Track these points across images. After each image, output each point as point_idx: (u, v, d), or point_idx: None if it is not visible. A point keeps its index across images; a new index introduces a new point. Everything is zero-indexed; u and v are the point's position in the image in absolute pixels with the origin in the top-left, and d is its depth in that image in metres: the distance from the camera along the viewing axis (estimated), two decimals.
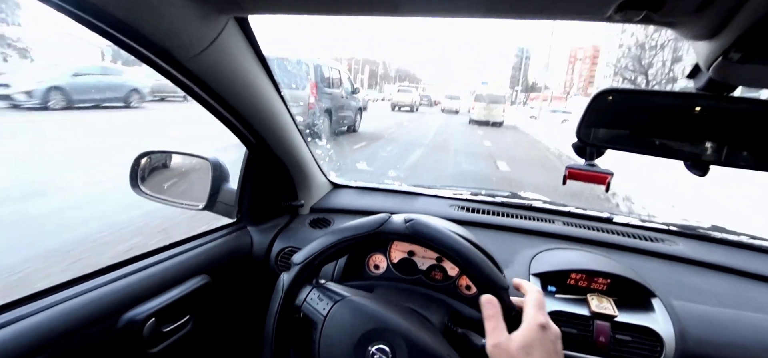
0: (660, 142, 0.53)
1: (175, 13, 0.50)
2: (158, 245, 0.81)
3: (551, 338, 0.51)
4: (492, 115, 16.98)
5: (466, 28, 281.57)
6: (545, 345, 0.50)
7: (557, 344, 0.52)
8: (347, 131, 9.14)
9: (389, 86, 45.60)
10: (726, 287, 0.86)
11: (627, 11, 0.40)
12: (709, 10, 0.38)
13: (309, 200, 1.12)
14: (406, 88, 26.47)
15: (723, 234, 1.06)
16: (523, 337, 0.51)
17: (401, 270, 0.91)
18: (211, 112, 0.74)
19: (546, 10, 0.44)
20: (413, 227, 0.60)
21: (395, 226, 0.61)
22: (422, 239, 0.60)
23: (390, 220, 0.61)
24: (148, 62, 0.56)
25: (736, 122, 0.49)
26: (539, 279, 0.83)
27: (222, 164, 0.98)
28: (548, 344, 0.51)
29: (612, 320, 0.75)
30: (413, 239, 0.60)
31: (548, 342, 0.51)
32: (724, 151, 0.50)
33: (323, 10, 0.54)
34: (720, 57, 0.40)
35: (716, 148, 0.50)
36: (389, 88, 40.28)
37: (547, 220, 1.08)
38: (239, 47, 0.66)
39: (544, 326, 0.52)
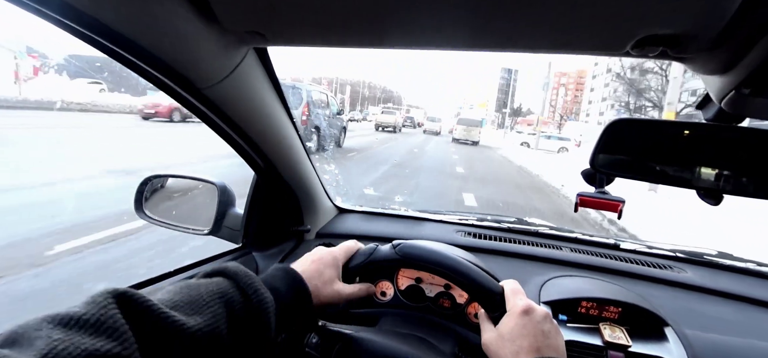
0: (672, 171, 0.54)
1: (199, 43, 0.51)
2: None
3: (537, 320, 0.51)
4: (470, 136, 22.77)
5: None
6: (531, 327, 0.50)
7: (545, 324, 0.51)
8: (335, 147, 10.54)
9: (374, 108, 46.66)
10: (735, 315, 0.86)
11: (644, 48, 0.41)
12: (724, 48, 0.39)
13: (315, 225, 1.11)
14: (389, 110, 28.06)
15: (730, 261, 1.05)
16: (506, 325, 0.51)
17: (409, 298, 0.90)
18: (223, 137, 0.74)
19: (564, 45, 0.45)
20: (402, 251, 0.62)
21: (385, 253, 0.63)
22: (411, 259, 0.62)
23: (378, 249, 0.63)
24: (166, 90, 0.56)
25: (747, 152, 0.50)
26: (550, 307, 0.82)
27: (228, 189, 0.97)
28: (534, 327, 0.50)
29: (626, 351, 0.73)
30: (403, 262, 0.62)
31: (534, 324, 0.50)
32: (736, 180, 0.50)
33: (341, 43, 0.55)
34: (732, 91, 0.41)
35: (728, 177, 0.51)
36: (374, 109, 41.35)
37: (555, 246, 1.07)
38: (257, 76, 0.67)
39: (527, 310, 0.52)
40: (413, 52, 0.62)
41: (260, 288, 0.44)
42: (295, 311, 0.49)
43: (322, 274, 0.55)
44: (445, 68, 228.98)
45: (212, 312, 0.38)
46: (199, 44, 0.51)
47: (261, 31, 0.51)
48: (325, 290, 0.54)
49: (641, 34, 0.40)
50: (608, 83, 67.40)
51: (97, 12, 0.43)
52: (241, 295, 0.42)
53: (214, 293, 0.40)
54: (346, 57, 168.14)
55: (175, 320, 0.34)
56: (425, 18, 0.43)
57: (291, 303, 0.48)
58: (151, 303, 0.34)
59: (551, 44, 0.45)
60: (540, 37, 0.45)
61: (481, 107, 70.47)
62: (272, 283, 0.48)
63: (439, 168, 9.32)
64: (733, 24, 0.36)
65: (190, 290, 0.39)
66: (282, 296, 0.47)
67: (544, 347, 0.48)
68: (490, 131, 53.19)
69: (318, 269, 0.55)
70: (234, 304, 0.41)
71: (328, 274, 0.56)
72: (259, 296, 0.43)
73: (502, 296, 0.57)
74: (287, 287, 0.49)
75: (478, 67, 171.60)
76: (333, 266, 0.58)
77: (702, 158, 0.52)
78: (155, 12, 0.45)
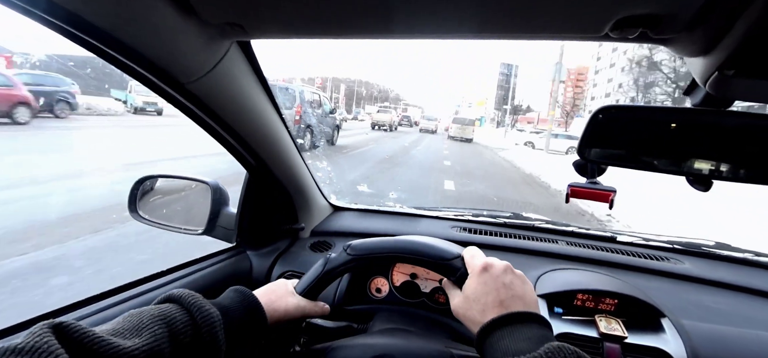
0: (661, 157, 0.53)
1: (179, 37, 0.51)
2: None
3: (497, 274, 0.51)
4: (464, 134, 24.70)
5: (451, 46, 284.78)
6: (492, 283, 0.50)
7: (505, 276, 0.51)
8: (326, 144, 11.11)
9: (371, 107, 46.79)
10: (733, 305, 0.85)
11: (623, 29, 0.41)
12: (703, 27, 0.38)
13: (309, 223, 1.11)
14: (385, 109, 28.27)
15: (727, 251, 1.05)
16: (469, 286, 0.52)
17: (404, 293, 0.89)
18: (211, 134, 0.74)
19: (542, 29, 0.45)
20: (353, 250, 0.63)
21: (340, 259, 0.63)
22: (363, 254, 0.63)
23: (331, 257, 0.64)
24: (148, 85, 0.56)
25: (736, 136, 0.49)
26: (545, 301, 0.81)
27: (222, 188, 0.97)
28: (495, 282, 0.50)
29: (622, 342, 0.73)
30: (357, 260, 0.62)
31: (494, 279, 0.51)
32: (725, 165, 0.50)
33: (323, 33, 0.55)
34: (715, 72, 0.40)
35: (717, 163, 0.50)
36: (370, 108, 41.51)
37: (551, 240, 1.07)
38: (241, 71, 0.67)
39: (486, 266, 0.52)
40: (410, 50, 0.62)
41: (205, 306, 0.46)
42: (248, 326, 0.52)
43: (274, 291, 0.59)
44: (444, 66, 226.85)
45: (152, 333, 0.40)
46: (179, 38, 0.51)
47: (240, 23, 0.51)
48: (279, 303, 0.58)
49: (620, 14, 0.39)
50: (612, 79, 65.03)
51: (76, 7, 0.43)
52: (187, 315, 0.45)
53: (155, 317, 0.42)
54: (342, 56, 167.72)
55: (111, 344, 0.36)
56: (399, 4, 0.43)
57: (242, 318, 0.51)
58: (87, 331, 0.36)
59: (529, 28, 0.45)
60: (517, 22, 0.44)
61: (479, 105, 69.44)
62: (221, 302, 0.51)
63: (423, 186, 7.16)
64: (713, 2, 0.35)
65: (132, 317, 0.42)
66: (231, 311, 0.50)
67: (507, 298, 0.48)
68: (490, 130, 50.72)
69: (270, 289, 0.60)
70: (177, 323, 0.43)
71: (280, 290, 0.60)
72: (203, 313, 0.45)
73: (462, 261, 0.57)
74: (236, 304, 0.52)
75: (477, 65, 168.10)
76: (282, 285, 0.62)
77: (690, 144, 0.51)
78: (133, 6, 0.45)
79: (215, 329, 0.45)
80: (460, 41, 0.74)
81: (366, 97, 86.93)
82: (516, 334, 0.44)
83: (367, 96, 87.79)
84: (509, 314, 0.46)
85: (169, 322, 0.43)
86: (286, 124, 0.89)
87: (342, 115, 21.14)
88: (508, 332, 0.44)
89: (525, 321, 0.45)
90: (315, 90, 11.47)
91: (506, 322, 0.45)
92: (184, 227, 0.98)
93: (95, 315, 0.63)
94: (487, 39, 0.49)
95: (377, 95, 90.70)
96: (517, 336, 0.43)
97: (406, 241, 0.63)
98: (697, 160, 0.51)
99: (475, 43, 31.48)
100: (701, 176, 0.51)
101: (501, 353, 0.43)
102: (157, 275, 0.79)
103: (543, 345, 0.40)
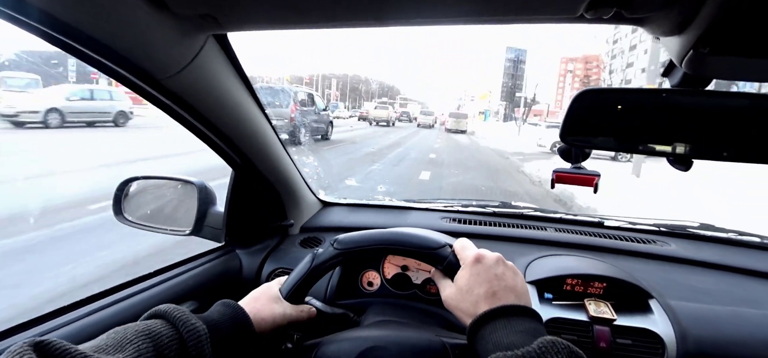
0: (641, 139, 0.53)
1: (151, 31, 0.50)
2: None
3: (488, 265, 0.51)
4: (459, 126, 26.36)
5: (452, 36, 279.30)
6: (484, 274, 0.50)
7: (497, 267, 0.51)
8: (321, 139, 12.29)
9: (368, 103, 46.28)
10: (719, 284, 0.86)
11: (597, 10, 0.41)
12: (676, 5, 0.38)
13: (299, 219, 1.10)
14: (383, 105, 28.15)
15: (712, 232, 1.06)
16: (461, 277, 0.52)
17: (395, 285, 0.89)
18: (193, 131, 0.73)
19: (516, 13, 0.45)
20: (340, 244, 0.62)
21: (327, 253, 0.63)
22: (351, 248, 0.62)
23: (318, 253, 0.64)
24: (124, 82, 0.55)
25: (714, 115, 0.50)
26: (535, 287, 0.82)
27: (208, 188, 0.96)
28: (487, 273, 0.50)
29: (611, 324, 0.74)
30: (344, 254, 0.62)
31: (486, 270, 0.51)
32: (705, 144, 0.50)
33: (304, 23, 0.54)
34: (690, 51, 0.41)
35: (697, 142, 0.50)
36: (368, 105, 41.17)
37: (539, 227, 1.08)
38: (219, 65, 0.65)
39: (478, 257, 0.52)
40: (410, 44, 0.61)
41: (190, 320, 0.47)
42: (235, 338, 0.52)
43: (258, 299, 0.59)
44: (445, 59, 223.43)
45: (135, 348, 0.40)
46: (152, 32, 0.50)
47: (213, 15, 0.50)
48: (265, 312, 0.57)
49: None
50: (632, 63, 57.69)
51: (45, 4, 0.41)
52: (173, 330, 0.45)
53: (140, 332, 0.42)
54: (337, 51, 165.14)
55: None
56: None
57: (229, 331, 0.51)
58: (70, 348, 0.36)
59: (505, 12, 0.45)
60: (493, 5, 0.44)
61: (482, 99, 67.43)
62: (209, 316, 0.52)
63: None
64: None
65: (117, 334, 0.42)
66: (217, 323, 0.51)
67: (500, 290, 0.48)
68: (495, 125, 42.50)
69: (254, 297, 0.60)
70: (162, 338, 0.43)
71: (265, 297, 0.60)
72: (189, 328, 0.46)
73: (451, 251, 0.57)
74: (222, 316, 0.52)
75: (479, 55, 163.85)
76: (267, 292, 0.61)
77: (670, 125, 0.52)
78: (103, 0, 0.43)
79: (201, 343, 0.46)
80: (461, 31, 0.71)
81: (365, 93, 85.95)
82: (509, 327, 0.44)
83: (365, 92, 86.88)
84: (502, 307, 0.46)
85: (154, 337, 0.43)
86: (270, 120, 0.88)
87: (335, 111, 21.06)
88: (501, 325, 0.44)
89: (517, 314, 0.46)
90: (308, 90, 12.96)
91: (498, 314, 0.45)
92: (171, 228, 0.97)
93: (84, 319, 0.63)
94: (463, 24, 0.48)
95: (375, 91, 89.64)
96: (510, 329, 0.43)
97: (393, 233, 0.62)
98: (677, 140, 0.52)
99: (477, 31, 30.35)
100: (681, 156, 0.51)
101: (493, 345, 0.43)
102: (147, 276, 0.78)
103: (536, 339, 0.40)
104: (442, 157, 10.97)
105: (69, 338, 0.58)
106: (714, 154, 0.49)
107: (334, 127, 13.56)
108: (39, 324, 0.59)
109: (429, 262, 0.59)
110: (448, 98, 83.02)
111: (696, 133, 0.50)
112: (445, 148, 13.97)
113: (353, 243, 0.62)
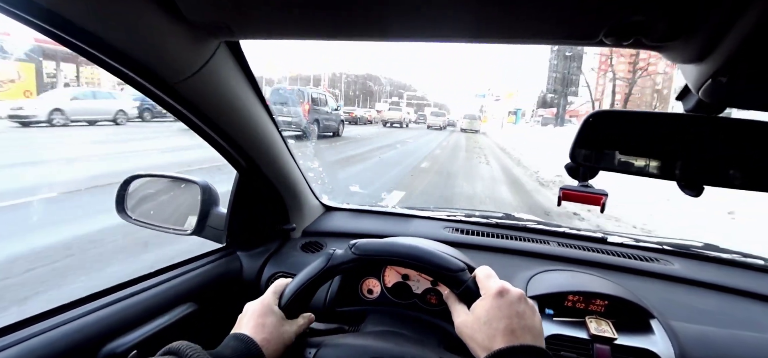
0: (653, 163, 0.53)
1: (165, 37, 0.50)
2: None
3: (511, 301, 0.50)
4: (473, 126, 28.16)
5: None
6: (505, 309, 0.49)
7: (519, 305, 0.50)
8: (333, 136, 14.19)
9: (380, 104, 45.56)
10: (722, 306, 0.86)
11: (616, 36, 0.41)
12: (698, 34, 0.38)
13: (301, 223, 1.10)
14: (396, 106, 27.82)
15: (716, 253, 1.06)
16: (480, 307, 0.51)
17: (396, 295, 0.89)
18: (200, 134, 0.73)
19: (536, 35, 0.44)
20: (359, 249, 0.61)
21: (344, 256, 0.61)
22: (368, 255, 0.61)
23: (335, 253, 0.62)
24: (136, 85, 0.55)
25: (728, 142, 0.49)
26: (536, 302, 0.82)
27: (211, 188, 0.96)
28: (509, 308, 0.49)
29: (612, 344, 0.73)
30: (361, 260, 0.61)
31: (508, 306, 0.50)
32: (717, 171, 0.50)
33: (313, 35, 0.54)
34: (709, 79, 0.40)
35: (708, 169, 0.50)
36: (380, 106, 40.56)
37: (542, 241, 1.07)
38: (230, 71, 0.65)
39: (501, 291, 0.51)
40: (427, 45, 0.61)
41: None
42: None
43: (264, 325, 0.58)
44: (466, 58, 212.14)
45: None
46: (165, 38, 0.50)
47: (226, 23, 0.50)
48: (275, 337, 0.57)
49: (613, 21, 0.39)
50: None
51: (60, 9, 0.42)
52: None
53: None
54: (349, 49, 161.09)
55: None
56: (394, 5, 0.42)
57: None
58: None
59: (524, 34, 0.45)
60: (512, 27, 0.44)
61: (509, 97, 63.63)
62: (219, 351, 0.52)
63: None
64: (707, 9, 0.35)
65: None
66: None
67: (519, 329, 0.47)
68: (529, 131, 29.10)
69: (259, 323, 0.58)
70: None
71: (270, 321, 0.58)
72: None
73: (470, 277, 0.56)
74: (234, 351, 0.52)
75: (503, 51, 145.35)
76: (270, 313, 0.60)
77: (682, 150, 0.51)
78: (117, 5, 0.43)
79: None
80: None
81: (377, 93, 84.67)
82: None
83: (378, 92, 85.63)
84: (520, 347, 0.45)
85: None
86: (277, 124, 0.88)
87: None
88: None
89: (533, 356, 0.45)
90: (321, 90, 14.80)
91: (516, 353, 0.45)
92: (173, 227, 0.97)
93: (85, 317, 0.63)
94: (482, 43, 0.48)
95: (390, 91, 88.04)
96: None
97: (414, 248, 0.61)
98: (689, 166, 0.51)
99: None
100: (692, 182, 0.51)
101: None
102: (148, 276, 0.78)
103: None
104: (439, 166, 9.39)
105: (70, 338, 0.59)
106: (726, 181, 0.49)
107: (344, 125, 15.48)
108: (41, 320, 0.59)
109: (445, 283, 0.58)
110: (465, 97, 78.81)
111: (709, 159, 0.50)
112: (447, 156, 11.88)
113: (372, 251, 0.61)
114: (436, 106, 46.44)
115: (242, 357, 0.52)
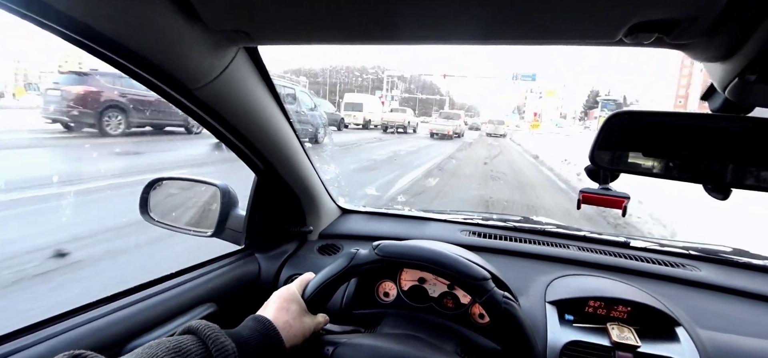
0: (677, 164, 0.51)
1: (185, 44, 0.51)
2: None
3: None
4: (497, 131, 27.03)
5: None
6: None
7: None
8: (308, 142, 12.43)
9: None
10: (751, 314, 0.82)
11: (638, 35, 0.40)
12: (722, 33, 0.37)
13: (318, 225, 1.11)
14: (398, 109, 25.90)
15: (746, 258, 1.01)
16: None
17: (412, 298, 0.89)
18: (220, 138, 0.75)
19: (554, 35, 0.44)
20: (382, 250, 0.61)
21: (367, 257, 0.62)
22: (392, 257, 0.61)
23: (358, 253, 0.63)
24: (157, 91, 0.57)
25: (756, 142, 0.47)
26: (556, 308, 0.80)
27: (231, 191, 0.98)
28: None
29: (635, 351, 0.71)
30: (384, 262, 0.61)
31: None
32: (745, 173, 0.48)
33: (329, 40, 0.55)
34: (736, 78, 0.39)
35: (736, 171, 0.48)
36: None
37: (562, 245, 1.05)
38: (248, 76, 0.67)
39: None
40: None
41: (220, 337, 0.48)
42: (266, 350, 0.53)
43: (288, 310, 0.60)
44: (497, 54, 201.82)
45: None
46: (186, 44, 0.51)
47: (245, 30, 0.51)
48: (296, 323, 0.58)
49: (634, 20, 0.38)
50: None
51: (83, 15, 0.44)
52: (202, 346, 0.47)
53: (170, 349, 0.45)
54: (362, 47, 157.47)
55: None
56: (409, 10, 0.42)
57: (259, 344, 0.53)
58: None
59: (541, 35, 0.44)
60: (529, 28, 0.43)
61: (549, 95, 61.82)
62: (239, 332, 0.53)
63: None
64: (733, 5, 0.34)
65: (149, 349, 0.44)
66: (246, 340, 0.52)
67: None
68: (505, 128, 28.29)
69: (283, 307, 0.60)
70: (191, 355, 0.45)
71: (294, 308, 0.60)
72: (218, 346, 0.48)
73: (490, 283, 0.57)
74: (252, 331, 0.54)
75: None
76: (295, 300, 0.62)
77: (707, 151, 0.49)
78: (140, 13, 0.45)
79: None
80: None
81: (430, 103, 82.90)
82: None
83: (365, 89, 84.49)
84: None
85: (183, 354, 0.45)
86: (295, 127, 0.90)
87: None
88: None
89: None
90: (287, 83, 12.92)
91: None
92: (194, 229, 0.99)
93: (108, 316, 0.65)
94: (499, 45, 0.48)
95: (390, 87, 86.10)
96: None
97: (437, 253, 0.61)
98: (715, 168, 0.49)
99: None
100: (719, 184, 0.49)
101: None
102: (170, 277, 0.80)
103: None
104: None
105: (93, 337, 0.61)
106: (754, 183, 0.47)
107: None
108: (64, 320, 0.61)
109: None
110: (497, 99, 72.89)
111: (735, 160, 0.48)
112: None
113: (395, 253, 0.62)
114: (462, 108, 42.73)
115: (260, 337, 0.53)
